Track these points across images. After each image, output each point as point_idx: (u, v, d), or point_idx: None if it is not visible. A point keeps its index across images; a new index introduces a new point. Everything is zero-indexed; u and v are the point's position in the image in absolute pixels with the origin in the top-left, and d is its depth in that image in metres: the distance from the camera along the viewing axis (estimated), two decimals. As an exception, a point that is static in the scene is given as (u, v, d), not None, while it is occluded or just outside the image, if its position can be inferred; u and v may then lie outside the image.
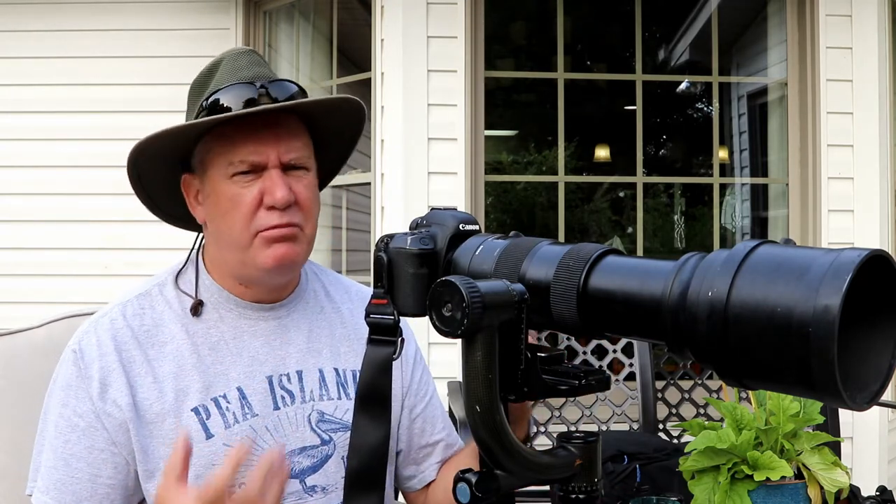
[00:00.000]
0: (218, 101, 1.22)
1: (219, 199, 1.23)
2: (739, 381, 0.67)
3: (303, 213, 1.24)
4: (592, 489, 0.81)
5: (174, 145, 1.25)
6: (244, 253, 1.23)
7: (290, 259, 1.24)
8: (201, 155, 1.25)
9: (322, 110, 1.29)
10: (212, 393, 1.24)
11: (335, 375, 1.32)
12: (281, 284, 1.31)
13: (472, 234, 0.90)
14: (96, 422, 1.21)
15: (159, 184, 1.31)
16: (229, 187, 1.22)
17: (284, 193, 1.20)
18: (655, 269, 0.73)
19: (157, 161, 1.27)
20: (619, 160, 7.06)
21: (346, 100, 1.29)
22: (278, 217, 1.21)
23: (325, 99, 1.28)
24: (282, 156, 1.22)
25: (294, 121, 1.26)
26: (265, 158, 1.21)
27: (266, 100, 1.23)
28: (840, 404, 0.62)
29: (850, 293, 0.59)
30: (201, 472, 1.20)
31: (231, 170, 1.21)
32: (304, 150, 1.26)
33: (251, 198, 1.21)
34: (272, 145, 1.21)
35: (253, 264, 1.24)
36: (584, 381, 0.80)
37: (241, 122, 1.21)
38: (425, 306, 0.75)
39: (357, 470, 1.18)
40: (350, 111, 1.31)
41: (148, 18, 4.23)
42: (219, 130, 1.22)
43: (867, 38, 3.71)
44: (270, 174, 1.21)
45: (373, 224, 3.71)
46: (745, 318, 0.64)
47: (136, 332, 1.25)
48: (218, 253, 1.29)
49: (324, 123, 1.30)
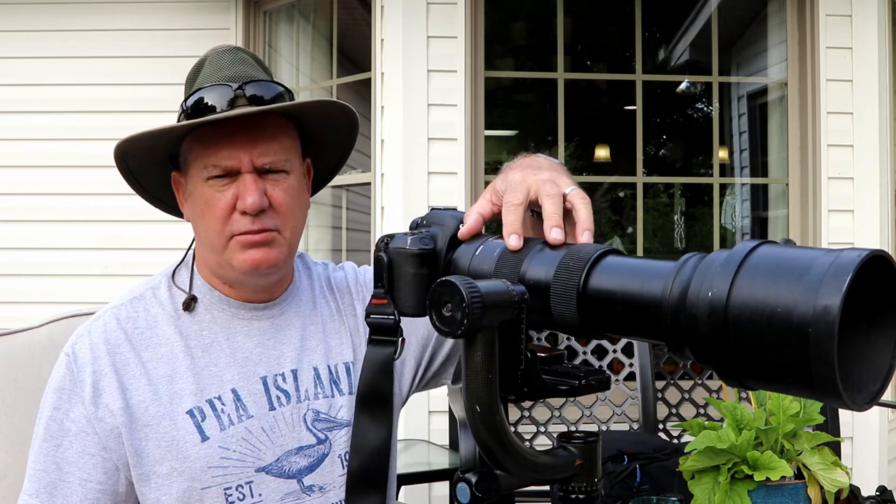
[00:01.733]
0: (198, 102, 1.21)
1: (197, 201, 1.23)
2: (739, 382, 0.67)
3: (279, 216, 1.22)
4: (592, 489, 0.81)
5: (156, 145, 1.24)
6: (220, 255, 1.23)
7: (265, 264, 1.22)
8: (184, 155, 1.25)
9: (307, 112, 1.26)
10: (206, 395, 1.23)
11: (328, 373, 1.31)
12: (266, 285, 1.29)
13: None
14: (88, 426, 1.20)
15: (153, 179, 1.31)
16: (205, 190, 1.21)
17: (255, 199, 1.18)
18: (655, 270, 0.73)
19: (145, 159, 1.26)
20: (619, 160, 7.06)
21: (328, 103, 1.27)
22: (251, 222, 1.20)
23: (300, 103, 1.25)
24: (255, 160, 1.20)
25: (275, 122, 1.23)
26: (238, 163, 1.19)
27: (243, 101, 1.21)
28: (840, 405, 0.62)
29: (850, 293, 0.59)
30: (197, 474, 1.20)
31: (206, 173, 1.20)
32: (283, 152, 1.23)
33: (225, 202, 1.20)
34: (245, 149, 1.19)
35: (230, 266, 1.23)
36: (584, 381, 0.80)
37: (219, 124, 1.19)
38: (425, 306, 0.75)
39: (358, 470, 1.18)
40: (337, 113, 1.29)
41: (148, 18, 4.23)
42: (199, 132, 1.21)
43: (867, 38, 3.71)
44: (244, 179, 1.19)
45: (373, 224, 3.71)
46: (745, 319, 0.64)
47: (129, 334, 1.25)
48: (202, 252, 1.30)
49: (313, 125, 1.28)
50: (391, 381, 1.07)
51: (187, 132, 1.23)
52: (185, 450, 1.20)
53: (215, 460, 1.21)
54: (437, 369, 1.40)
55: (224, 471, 1.21)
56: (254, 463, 1.23)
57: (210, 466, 1.20)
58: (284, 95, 1.25)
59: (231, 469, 1.21)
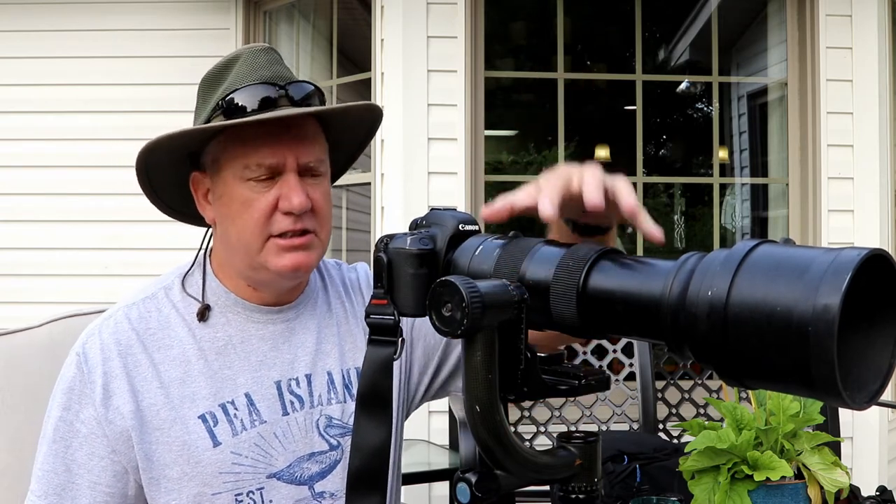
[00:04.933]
0: (234, 100, 1.19)
1: (231, 201, 1.20)
2: (739, 381, 0.67)
3: (318, 218, 1.21)
4: (592, 489, 0.81)
5: (187, 144, 1.22)
6: (254, 256, 1.20)
7: (305, 266, 1.21)
8: (215, 154, 1.22)
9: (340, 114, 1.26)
10: (219, 399, 1.21)
11: (342, 378, 1.29)
12: (291, 287, 1.28)
13: (472, 235, 0.90)
14: (98, 429, 1.19)
15: (167, 179, 1.27)
16: (243, 190, 1.19)
17: (302, 200, 1.17)
18: (655, 269, 0.73)
19: (166, 157, 1.23)
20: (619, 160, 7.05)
21: (369, 108, 1.27)
22: (293, 222, 1.18)
23: (352, 105, 1.24)
24: (300, 159, 1.19)
25: (312, 124, 1.23)
26: (282, 161, 1.18)
27: (285, 101, 1.20)
28: (840, 403, 0.62)
29: (849, 292, 0.59)
30: (208, 480, 1.19)
31: (247, 173, 1.18)
32: (321, 154, 1.23)
33: (266, 202, 1.18)
34: (290, 148, 1.18)
35: (264, 268, 1.21)
36: (584, 381, 0.80)
37: (261, 123, 1.17)
38: (425, 306, 0.75)
39: (358, 470, 1.18)
40: (370, 117, 1.29)
41: (148, 18, 4.23)
42: (235, 131, 1.19)
43: (867, 38, 3.71)
44: (287, 179, 1.18)
45: (373, 224, 3.71)
46: (744, 318, 0.64)
47: (141, 335, 1.23)
48: (226, 254, 1.26)
49: (339, 127, 1.28)
50: (391, 381, 1.07)
51: (220, 130, 1.20)
52: (197, 455, 1.19)
53: (227, 466, 1.19)
54: (445, 378, 1.38)
55: (236, 476, 1.20)
56: (265, 469, 1.22)
57: (221, 472, 1.19)
58: (318, 95, 1.24)
59: (243, 475, 1.20)
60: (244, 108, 1.18)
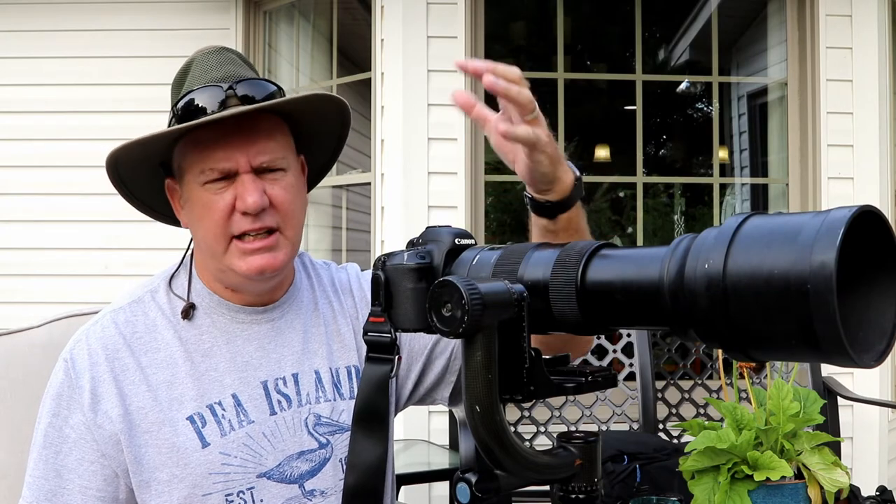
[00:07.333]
0: (188, 104, 1.19)
1: (194, 206, 1.21)
2: (745, 353, 0.67)
3: (281, 214, 1.21)
4: (592, 489, 0.81)
5: (148, 154, 1.23)
6: (221, 259, 1.21)
7: (270, 269, 1.21)
8: (178, 160, 1.23)
9: (299, 108, 1.25)
10: (206, 400, 1.22)
11: (330, 376, 1.30)
12: (268, 289, 1.28)
13: (468, 248, 0.90)
14: (87, 433, 1.19)
15: (145, 187, 1.29)
16: (202, 194, 1.19)
17: (256, 198, 1.17)
18: (650, 255, 0.73)
19: (137, 168, 1.25)
20: (619, 160, 7.05)
21: (325, 98, 1.25)
22: (252, 221, 1.18)
23: (294, 98, 1.23)
24: (252, 159, 1.18)
25: (269, 120, 1.22)
26: (235, 164, 1.18)
27: (235, 101, 1.19)
28: (848, 363, 0.61)
29: (844, 248, 0.59)
30: (198, 481, 1.19)
31: (203, 177, 1.19)
32: (280, 150, 1.22)
33: (224, 204, 1.18)
34: (242, 150, 1.18)
35: (231, 271, 1.22)
36: (591, 378, 0.80)
37: (212, 126, 1.17)
38: (425, 320, 0.75)
39: (354, 486, 1.18)
40: (330, 107, 1.27)
41: (148, 18, 4.23)
42: (192, 135, 1.19)
43: (867, 38, 3.71)
44: (242, 180, 1.18)
45: (373, 224, 3.71)
46: (743, 286, 0.64)
47: (128, 339, 1.23)
48: (200, 258, 1.28)
49: (305, 121, 1.27)
50: (387, 399, 1.07)
51: (179, 137, 1.21)
52: (186, 456, 1.19)
53: (216, 466, 1.20)
54: (429, 386, 1.37)
55: (225, 477, 1.20)
56: (255, 468, 1.22)
57: (211, 473, 1.19)
58: (276, 93, 1.23)
59: (232, 475, 1.21)
60: (195, 112, 1.18)
